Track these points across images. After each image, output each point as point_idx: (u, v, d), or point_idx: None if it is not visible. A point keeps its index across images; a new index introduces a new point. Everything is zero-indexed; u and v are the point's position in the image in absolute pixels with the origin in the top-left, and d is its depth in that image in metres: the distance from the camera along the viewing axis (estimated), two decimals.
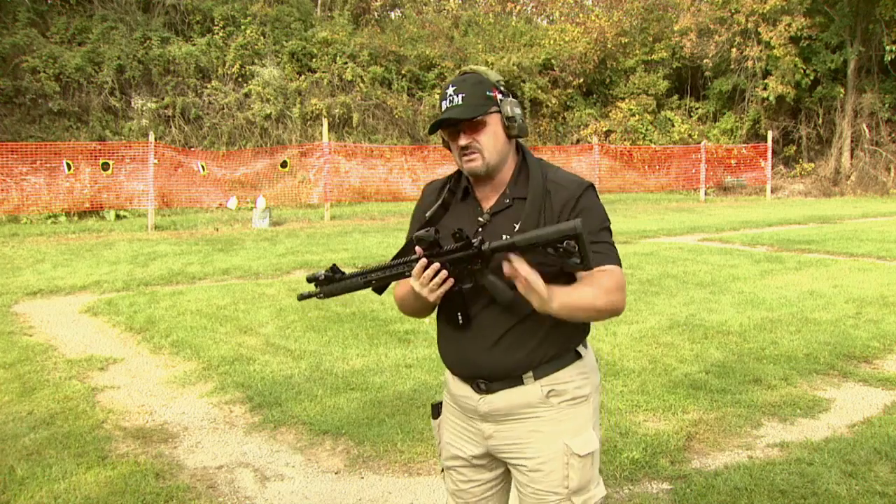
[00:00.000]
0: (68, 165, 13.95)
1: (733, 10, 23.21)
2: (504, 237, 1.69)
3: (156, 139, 14.94)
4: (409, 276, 1.76)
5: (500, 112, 1.78)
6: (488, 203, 1.84)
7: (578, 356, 1.85)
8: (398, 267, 1.79)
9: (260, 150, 17.93)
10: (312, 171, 16.63)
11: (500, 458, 1.88)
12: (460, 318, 1.80)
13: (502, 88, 1.81)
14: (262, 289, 7.70)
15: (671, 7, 26.88)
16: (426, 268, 1.71)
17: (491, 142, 1.77)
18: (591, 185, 1.83)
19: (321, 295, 1.88)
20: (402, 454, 3.54)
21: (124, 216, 15.37)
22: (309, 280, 1.86)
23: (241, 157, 17.06)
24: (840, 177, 24.08)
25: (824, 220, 15.31)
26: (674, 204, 19.60)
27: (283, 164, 16.52)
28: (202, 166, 15.56)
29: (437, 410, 2.02)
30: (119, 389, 4.64)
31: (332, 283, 1.86)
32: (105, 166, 14.29)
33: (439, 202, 1.90)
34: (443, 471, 2.03)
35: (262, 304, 6.95)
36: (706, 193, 21.49)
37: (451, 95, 1.78)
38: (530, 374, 1.79)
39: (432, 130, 1.83)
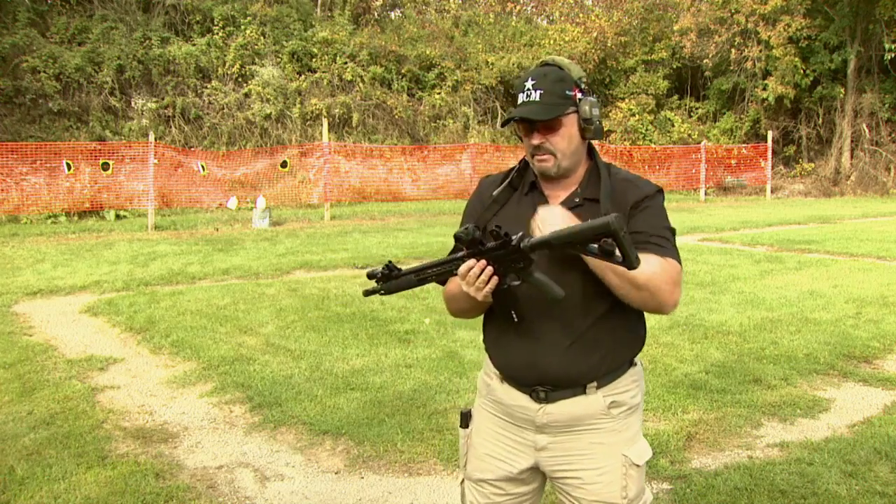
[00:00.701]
0: (68, 165, 13.94)
1: (733, 11, 23.21)
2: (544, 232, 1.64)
3: (156, 139, 14.94)
4: (455, 273, 1.70)
5: (577, 112, 1.72)
6: (556, 200, 1.77)
7: (633, 363, 1.82)
8: (449, 264, 1.73)
9: (260, 150, 17.93)
10: (312, 171, 16.63)
11: (547, 470, 1.81)
12: (514, 315, 1.72)
13: (583, 86, 1.74)
14: (262, 289, 7.70)
15: (671, 7, 26.88)
16: (472, 267, 1.65)
17: (565, 143, 1.72)
18: (661, 190, 1.79)
19: (383, 291, 1.82)
20: (402, 454, 3.54)
21: (124, 216, 15.37)
22: (370, 276, 1.83)
23: (241, 157, 17.06)
24: (840, 177, 24.08)
25: (824, 220, 15.31)
26: (674, 204, 19.59)
27: (283, 164, 16.52)
28: (202, 166, 15.55)
29: (465, 420, 1.92)
30: (119, 389, 4.64)
31: (390, 280, 1.80)
32: (105, 166, 14.29)
33: (496, 194, 1.84)
34: (462, 482, 1.94)
35: (262, 304, 6.95)
36: (706, 193, 21.49)
37: (528, 89, 1.70)
38: (594, 383, 1.74)
39: (504, 124, 1.78)
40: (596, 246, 1.55)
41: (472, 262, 1.65)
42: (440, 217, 16.15)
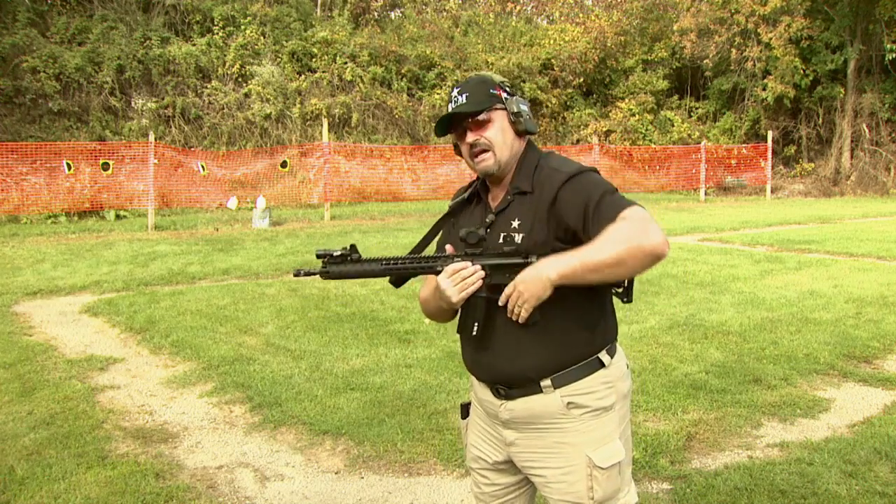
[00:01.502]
0: (68, 165, 13.94)
1: (733, 11, 23.21)
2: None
3: (156, 139, 14.94)
4: (439, 271, 1.73)
5: (505, 109, 1.78)
6: (496, 201, 1.83)
7: (601, 365, 1.78)
8: (427, 261, 1.75)
9: (260, 150, 17.94)
10: (312, 171, 16.63)
11: (519, 466, 1.85)
12: (475, 328, 1.74)
13: (507, 88, 1.81)
14: (262, 289, 7.70)
15: (671, 7, 26.89)
16: (465, 267, 1.69)
17: (499, 137, 1.76)
18: (591, 169, 1.74)
19: (327, 274, 1.73)
20: (402, 454, 3.54)
21: (124, 216, 15.37)
22: (319, 256, 1.72)
23: (241, 157, 17.06)
24: (840, 177, 24.08)
25: (824, 220, 15.31)
26: (674, 204, 19.60)
27: (283, 164, 16.52)
28: (202, 166, 15.55)
29: (465, 410, 2.00)
30: (119, 389, 4.64)
31: (346, 263, 1.73)
32: (105, 166, 14.29)
33: (451, 204, 1.92)
34: (468, 472, 2.02)
35: (262, 304, 6.94)
36: (706, 193, 21.49)
37: (455, 97, 1.79)
38: (548, 382, 1.74)
39: (439, 131, 1.82)
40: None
41: (466, 263, 1.69)
42: (440, 217, 16.13)
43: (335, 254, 1.72)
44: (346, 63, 22.01)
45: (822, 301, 6.77)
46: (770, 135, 22.75)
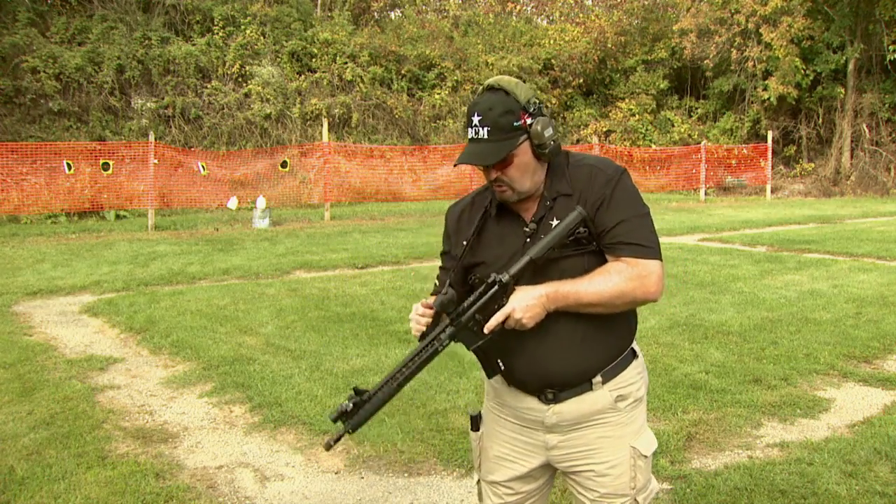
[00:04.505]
0: (69, 165, 13.94)
1: (733, 11, 23.20)
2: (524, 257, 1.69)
3: (156, 139, 14.94)
4: (440, 350, 1.71)
5: (529, 139, 1.69)
6: (529, 212, 1.78)
7: (635, 355, 1.85)
8: (424, 351, 1.72)
9: (260, 150, 17.93)
10: (312, 171, 16.63)
11: (559, 467, 1.85)
12: (501, 364, 1.76)
13: (532, 108, 1.69)
14: (262, 289, 7.70)
15: (671, 7, 26.87)
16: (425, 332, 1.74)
17: (519, 173, 1.71)
18: (626, 170, 1.79)
19: (350, 430, 1.72)
20: (402, 454, 3.54)
21: (124, 216, 15.37)
22: (335, 420, 1.70)
23: (241, 157, 17.05)
24: (840, 177, 24.07)
25: (824, 220, 15.30)
26: (674, 204, 19.60)
27: (283, 164, 16.52)
28: (202, 166, 15.55)
29: (476, 423, 1.94)
30: (119, 389, 4.64)
31: (360, 407, 1.71)
32: (105, 166, 14.28)
33: (473, 228, 1.82)
34: (478, 482, 1.98)
35: (262, 304, 6.94)
36: (706, 193, 21.48)
37: (476, 125, 1.68)
38: (599, 378, 1.77)
39: (460, 162, 1.75)
40: (572, 239, 1.66)
41: (418, 308, 1.74)
42: (440, 217, 16.05)
43: (347, 409, 1.70)
44: (346, 63, 22.00)
45: (822, 301, 6.77)
46: (770, 135, 22.74)
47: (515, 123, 1.67)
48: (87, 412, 4.16)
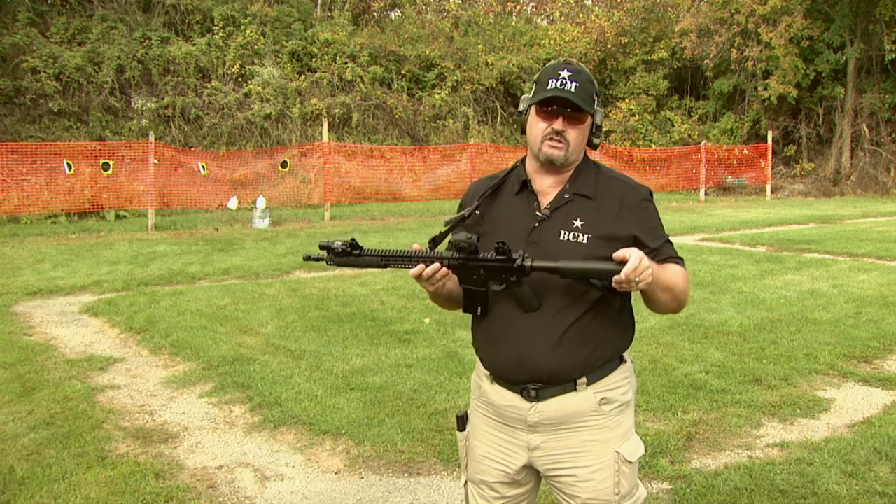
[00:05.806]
0: (69, 165, 13.94)
1: (733, 11, 23.21)
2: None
3: (156, 139, 14.94)
4: (441, 266, 1.75)
5: (593, 118, 1.80)
6: (546, 197, 1.81)
7: (622, 360, 1.85)
8: (417, 259, 1.77)
9: (260, 150, 17.93)
10: (312, 171, 16.63)
11: (541, 469, 1.84)
12: (480, 310, 1.80)
13: (598, 98, 1.83)
14: (262, 289, 7.70)
15: (671, 7, 26.86)
16: (436, 271, 1.74)
17: (579, 139, 1.78)
18: (651, 196, 1.87)
19: (330, 262, 1.83)
20: (402, 454, 3.54)
21: (124, 216, 15.37)
22: (322, 247, 1.81)
23: (241, 157, 17.05)
24: (840, 177, 24.07)
25: (824, 220, 15.30)
26: (674, 204, 19.60)
27: (283, 164, 16.52)
28: (202, 166, 15.55)
29: (462, 423, 1.96)
30: (119, 389, 4.64)
31: (347, 256, 1.81)
32: (105, 166, 14.28)
33: (486, 193, 1.87)
34: (465, 484, 1.98)
35: (262, 304, 6.94)
36: (706, 193, 21.49)
37: (564, 78, 1.73)
38: (584, 379, 1.77)
39: (541, 103, 1.75)
40: (599, 283, 1.67)
41: (435, 266, 1.73)
42: (440, 217, 16.13)
43: (336, 247, 1.81)
44: (346, 63, 22.01)
45: (822, 301, 6.77)
46: (770, 135, 22.74)
47: (595, 96, 1.79)
48: (87, 412, 4.16)
